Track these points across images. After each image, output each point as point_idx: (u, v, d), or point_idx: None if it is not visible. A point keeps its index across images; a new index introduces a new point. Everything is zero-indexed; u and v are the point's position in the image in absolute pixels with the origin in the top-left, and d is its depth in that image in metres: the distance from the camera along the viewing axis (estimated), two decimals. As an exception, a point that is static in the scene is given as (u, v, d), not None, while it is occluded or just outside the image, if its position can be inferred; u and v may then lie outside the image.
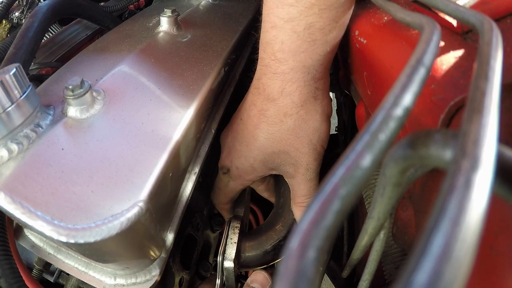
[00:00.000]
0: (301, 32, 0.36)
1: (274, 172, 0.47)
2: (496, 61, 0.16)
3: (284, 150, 0.43)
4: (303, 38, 0.37)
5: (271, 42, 0.38)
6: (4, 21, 0.70)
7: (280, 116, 0.41)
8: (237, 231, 0.50)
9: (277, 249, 0.51)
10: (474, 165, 0.11)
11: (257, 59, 0.43)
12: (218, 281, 0.47)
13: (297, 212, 0.49)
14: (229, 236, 0.49)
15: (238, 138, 0.45)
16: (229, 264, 0.46)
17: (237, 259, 0.48)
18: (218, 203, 0.53)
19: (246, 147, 0.44)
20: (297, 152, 0.43)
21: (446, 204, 0.10)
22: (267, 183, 0.55)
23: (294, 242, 0.11)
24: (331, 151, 0.78)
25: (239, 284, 0.50)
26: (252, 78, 0.45)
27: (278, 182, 0.56)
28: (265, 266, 0.52)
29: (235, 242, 0.48)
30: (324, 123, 0.43)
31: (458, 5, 0.24)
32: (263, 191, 0.58)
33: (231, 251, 0.47)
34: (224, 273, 0.47)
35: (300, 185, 0.46)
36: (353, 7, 0.39)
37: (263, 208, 0.96)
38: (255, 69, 0.44)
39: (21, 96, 0.30)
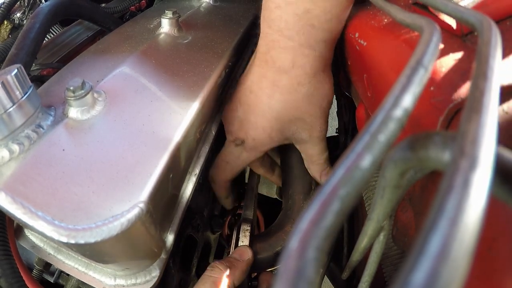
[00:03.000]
0: (301, 15, 0.39)
1: (287, 142, 0.49)
2: (495, 60, 0.17)
3: (300, 117, 0.46)
4: (304, 20, 0.39)
5: (277, 20, 0.41)
6: (5, 22, 0.70)
7: (294, 85, 0.44)
8: (248, 234, 0.50)
9: None
10: (472, 164, 0.11)
11: (258, 34, 0.45)
12: None
13: (315, 168, 0.52)
14: (240, 239, 0.50)
15: (251, 110, 0.46)
16: None
17: None
18: (221, 180, 0.53)
19: (263, 118, 0.46)
20: (311, 117, 0.46)
21: (444, 204, 0.10)
22: (262, 159, 0.56)
23: (293, 242, 0.11)
24: (331, 153, 0.78)
25: (250, 285, 0.50)
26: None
27: (286, 183, 0.56)
28: (276, 267, 0.52)
29: (246, 245, 0.49)
30: (331, 88, 0.47)
31: (458, 5, 0.24)
32: (259, 167, 0.59)
33: None
34: None
35: (314, 147, 0.50)
36: (351, 5, 0.41)
37: (263, 210, 0.96)
38: (256, 43, 0.46)
39: (22, 97, 0.30)
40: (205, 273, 0.41)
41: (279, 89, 0.44)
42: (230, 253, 0.48)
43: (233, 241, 0.51)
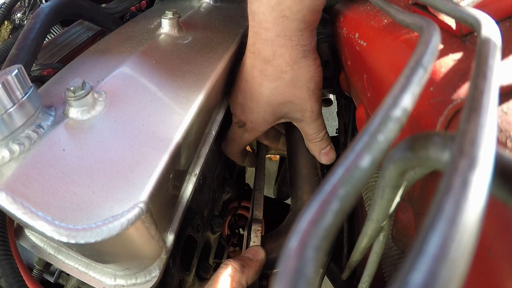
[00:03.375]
0: (275, 6, 0.42)
1: (283, 120, 0.55)
2: (494, 60, 0.17)
3: (288, 100, 0.51)
4: (277, 12, 0.43)
5: (256, 12, 0.45)
6: (6, 22, 0.70)
7: (278, 73, 0.48)
8: (259, 234, 0.51)
9: None
10: (471, 164, 0.11)
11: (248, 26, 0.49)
12: None
13: (313, 147, 0.56)
14: (251, 239, 0.50)
15: (248, 97, 0.52)
16: None
17: None
18: (231, 152, 0.61)
19: (256, 104, 0.51)
20: (299, 99, 0.51)
21: (443, 204, 0.10)
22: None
23: (293, 242, 0.11)
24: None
25: (261, 284, 0.50)
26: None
27: (294, 184, 0.57)
28: None
29: (258, 246, 0.49)
30: (316, 70, 0.50)
31: (457, 5, 0.24)
32: (263, 139, 0.66)
33: None
34: None
35: (309, 126, 0.54)
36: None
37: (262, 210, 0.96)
38: (247, 35, 0.50)
39: (22, 97, 0.30)
40: (219, 270, 0.41)
41: (266, 77, 0.49)
42: (242, 253, 0.48)
43: (245, 241, 0.52)
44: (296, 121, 0.54)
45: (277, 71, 0.48)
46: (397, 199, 0.22)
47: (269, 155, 0.77)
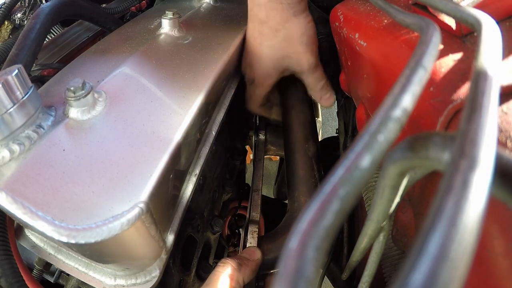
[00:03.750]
0: None
1: (287, 73, 0.61)
2: (495, 60, 0.17)
3: (285, 54, 0.57)
4: None
5: None
6: (6, 22, 0.70)
7: (273, 32, 0.55)
8: (256, 235, 0.51)
9: None
10: (472, 165, 0.11)
11: None
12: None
13: (315, 95, 0.63)
14: (248, 241, 0.50)
15: (253, 56, 0.60)
16: None
17: None
18: (253, 108, 0.68)
19: (259, 60, 0.59)
20: (295, 53, 0.57)
21: (443, 204, 0.10)
22: (263, 101, 0.68)
23: (293, 242, 0.11)
24: (331, 153, 0.78)
25: (257, 285, 0.50)
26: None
27: (291, 185, 0.57)
28: None
29: (254, 246, 0.49)
30: (308, 26, 0.56)
31: (458, 5, 0.24)
32: (257, 108, 0.71)
33: None
34: None
35: (309, 77, 0.61)
36: None
37: (262, 210, 0.96)
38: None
39: (23, 97, 0.30)
40: (217, 269, 0.42)
41: (264, 37, 0.56)
42: (239, 253, 0.48)
43: (241, 242, 0.52)
44: (297, 73, 0.61)
45: (272, 30, 0.55)
46: (397, 199, 0.22)
47: (269, 156, 0.77)
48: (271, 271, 0.51)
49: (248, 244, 0.49)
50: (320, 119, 1.23)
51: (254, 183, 0.62)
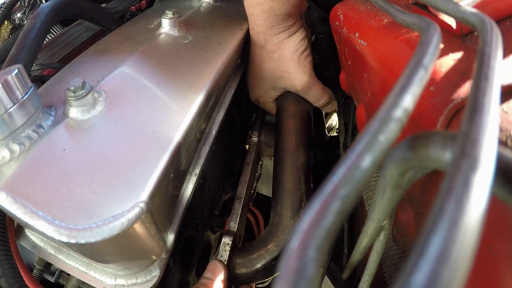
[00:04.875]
0: (268, 10, 0.55)
1: (284, 91, 0.66)
2: (496, 61, 0.17)
3: (279, 75, 0.63)
4: (268, 13, 0.56)
5: (252, 14, 0.57)
6: (6, 22, 0.70)
7: (270, 55, 0.61)
8: (228, 248, 0.49)
9: (268, 269, 0.49)
10: (473, 165, 0.11)
11: None
12: None
13: (319, 106, 0.67)
14: (219, 253, 0.48)
15: (253, 78, 0.67)
16: None
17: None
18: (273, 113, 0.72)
19: (259, 82, 0.66)
20: (287, 74, 0.62)
21: (445, 205, 0.10)
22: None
23: (294, 242, 0.11)
24: (331, 153, 0.77)
25: None
26: None
27: (274, 197, 0.55)
28: (254, 282, 0.51)
29: (225, 260, 0.47)
30: (300, 43, 0.61)
31: (458, 4, 0.24)
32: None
33: None
34: None
35: (307, 95, 0.64)
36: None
37: (262, 210, 0.96)
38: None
39: (23, 97, 0.30)
40: None
41: (262, 60, 0.62)
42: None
43: (215, 255, 0.49)
44: (294, 91, 0.65)
45: (269, 52, 0.61)
46: (398, 198, 0.22)
47: (268, 156, 0.76)
48: (242, 286, 0.49)
49: (219, 257, 0.48)
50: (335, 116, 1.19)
51: (238, 190, 0.59)
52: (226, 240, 0.49)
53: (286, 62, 0.61)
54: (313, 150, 0.61)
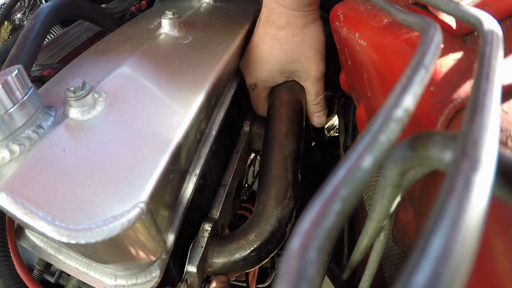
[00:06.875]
0: None
1: (290, 79, 0.63)
2: (497, 61, 0.17)
3: (296, 59, 0.60)
4: None
5: None
6: (6, 23, 0.70)
7: (289, 37, 0.58)
8: (206, 234, 0.47)
9: (247, 260, 0.47)
10: (474, 165, 0.11)
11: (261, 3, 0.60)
12: (181, 285, 0.44)
13: (311, 109, 0.65)
14: (197, 240, 0.46)
15: (257, 59, 0.61)
16: (192, 268, 0.43)
17: (202, 264, 0.45)
18: (262, 112, 0.68)
19: (266, 64, 0.61)
20: (306, 58, 0.60)
21: (446, 205, 0.10)
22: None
23: (295, 243, 0.11)
24: (332, 153, 0.77)
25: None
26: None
27: (260, 185, 0.53)
28: (233, 273, 0.49)
29: (202, 247, 0.45)
30: (321, 33, 0.60)
31: (459, 4, 0.24)
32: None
33: (196, 255, 0.44)
34: (187, 277, 0.44)
35: (313, 85, 0.63)
36: None
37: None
38: (260, 9, 0.61)
39: (23, 98, 0.30)
40: None
41: (278, 41, 0.59)
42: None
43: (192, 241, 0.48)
44: (302, 80, 0.63)
45: (289, 35, 0.58)
46: (398, 198, 0.22)
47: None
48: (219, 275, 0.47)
49: (196, 243, 0.46)
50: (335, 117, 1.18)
51: (223, 177, 0.57)
52: (206, 227, 0.48)
53: (307, 47, 0.59)
54: (304, 140, 0.59)
